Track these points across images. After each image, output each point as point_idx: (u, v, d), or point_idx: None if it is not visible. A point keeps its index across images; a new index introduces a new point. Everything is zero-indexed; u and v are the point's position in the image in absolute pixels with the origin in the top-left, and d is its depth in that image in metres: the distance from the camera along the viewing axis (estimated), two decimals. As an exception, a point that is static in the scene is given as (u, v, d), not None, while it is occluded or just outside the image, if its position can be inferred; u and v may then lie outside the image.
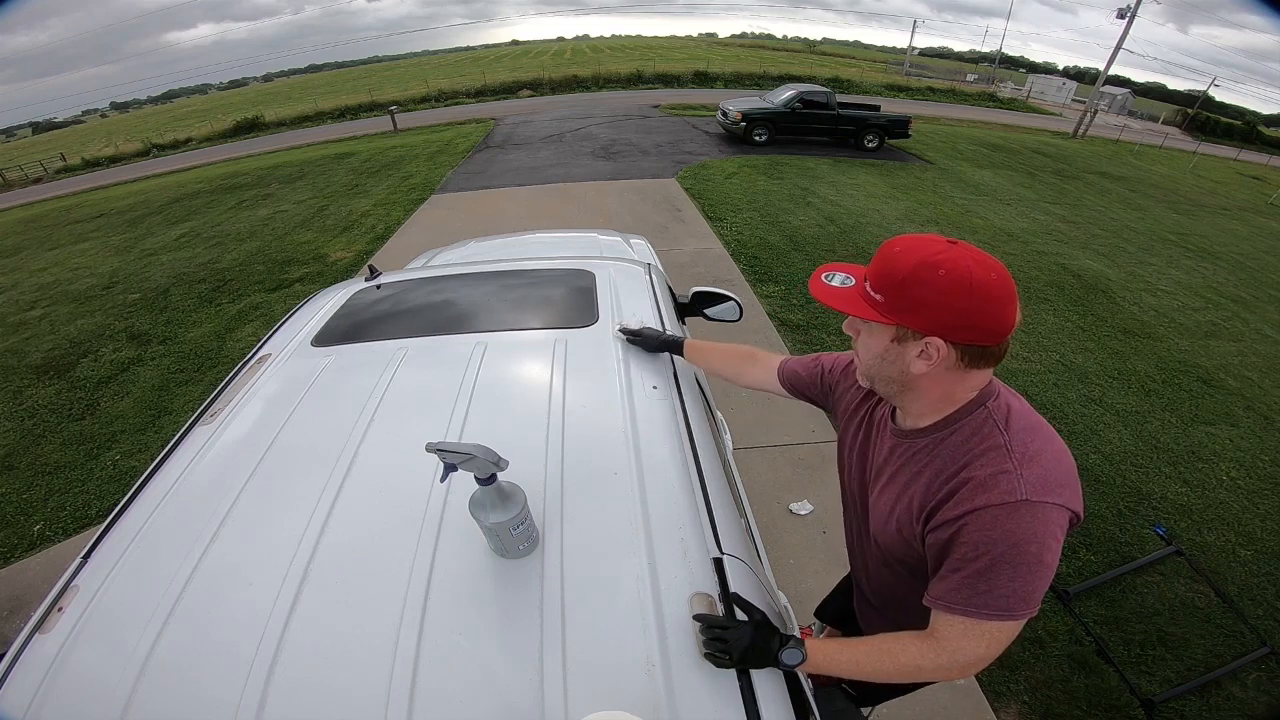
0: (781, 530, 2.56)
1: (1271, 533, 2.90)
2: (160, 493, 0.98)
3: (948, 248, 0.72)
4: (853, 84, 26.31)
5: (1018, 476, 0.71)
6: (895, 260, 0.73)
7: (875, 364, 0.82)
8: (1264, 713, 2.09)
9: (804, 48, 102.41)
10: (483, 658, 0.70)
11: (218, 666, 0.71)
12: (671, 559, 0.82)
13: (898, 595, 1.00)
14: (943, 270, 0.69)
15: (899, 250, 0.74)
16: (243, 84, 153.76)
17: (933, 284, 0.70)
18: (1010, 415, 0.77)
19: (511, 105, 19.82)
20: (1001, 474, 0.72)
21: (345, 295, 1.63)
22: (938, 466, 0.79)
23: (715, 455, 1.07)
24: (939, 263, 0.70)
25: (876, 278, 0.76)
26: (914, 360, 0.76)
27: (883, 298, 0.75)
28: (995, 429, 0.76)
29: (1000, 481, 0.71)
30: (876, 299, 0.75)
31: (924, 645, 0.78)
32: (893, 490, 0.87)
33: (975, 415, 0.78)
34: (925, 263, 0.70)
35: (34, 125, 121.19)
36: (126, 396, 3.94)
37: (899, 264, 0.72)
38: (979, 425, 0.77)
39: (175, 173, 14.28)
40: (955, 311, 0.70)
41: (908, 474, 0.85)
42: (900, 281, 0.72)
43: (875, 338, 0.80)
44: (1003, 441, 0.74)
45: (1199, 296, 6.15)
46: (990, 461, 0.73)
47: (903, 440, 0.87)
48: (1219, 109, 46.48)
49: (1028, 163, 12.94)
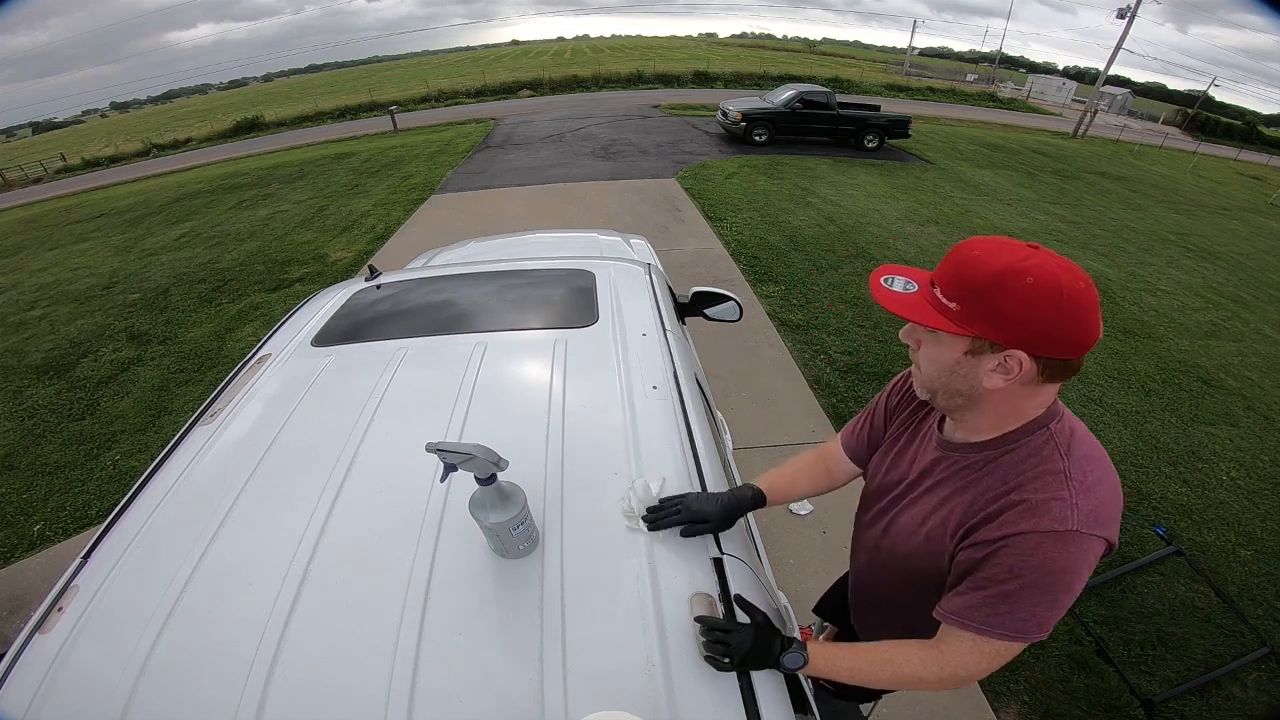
0: (781, 530, 2.56)
1: (1271, 533, 2.90)
2: (160, 493, 0.98)
3: (1031, 253, 0.66)
4: (853, 84, 26.31)
5: (1072, 505, 0.68)
6: (974, 265, 0.67)
7: (942, 377, 0.76)
8: (1264, 713, 2.09)
9: (804, 48, 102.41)
10: (483, 658, 0.70)
11: (218, 666, 0.71)
12: (671, 559, 0.82)
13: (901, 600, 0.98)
14: (1030, 277, 0.63)
15: (978, 254, 0.68)
16: (243, 84, 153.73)
17: (1019, 293, 0.64)
18: (1073, 440, 0.73)
19: (511, 105, 19.82)
20: (1055, 500, 0.68)
21: (345, 295, 1.63)
22: (987, 484, 0.76)
23: (715, 455, 1.07)
24: (1025, 269, 0.64)
25: (950, 283, 0.70)
26: (989, 374, 0.70)
27: (958, 306, 0.68)
28: (1056, 452, 0.71)
29: (1053, 508, 0.68)
30: (950, 307, 0.69)
31: (926, 657, 0.78)
32: (929, 501, 0.84)
33: (1037, 436, 0.73)
34: (1011, 269, 0.64)
35: (34, 125, 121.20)
36: (126, 396, 3.94)
37: (979, 269, 0.66)
38: (1039, 446, 0.73)
39: (175, 173, 14.28)
40: (1042, 323, 0.64)
41: (950, 487, 0.81)
42: (981, 289, 0.66)
43: (944, 349, 0.73)
44: (1062, 467, 0.70)
45: (1199, 296, 6.15)
46: (1045, 486, 0.70)
47: (951, 453, 0.82)
48: (1219, 109, 46.49)
49: (1028, 163, 12.94)
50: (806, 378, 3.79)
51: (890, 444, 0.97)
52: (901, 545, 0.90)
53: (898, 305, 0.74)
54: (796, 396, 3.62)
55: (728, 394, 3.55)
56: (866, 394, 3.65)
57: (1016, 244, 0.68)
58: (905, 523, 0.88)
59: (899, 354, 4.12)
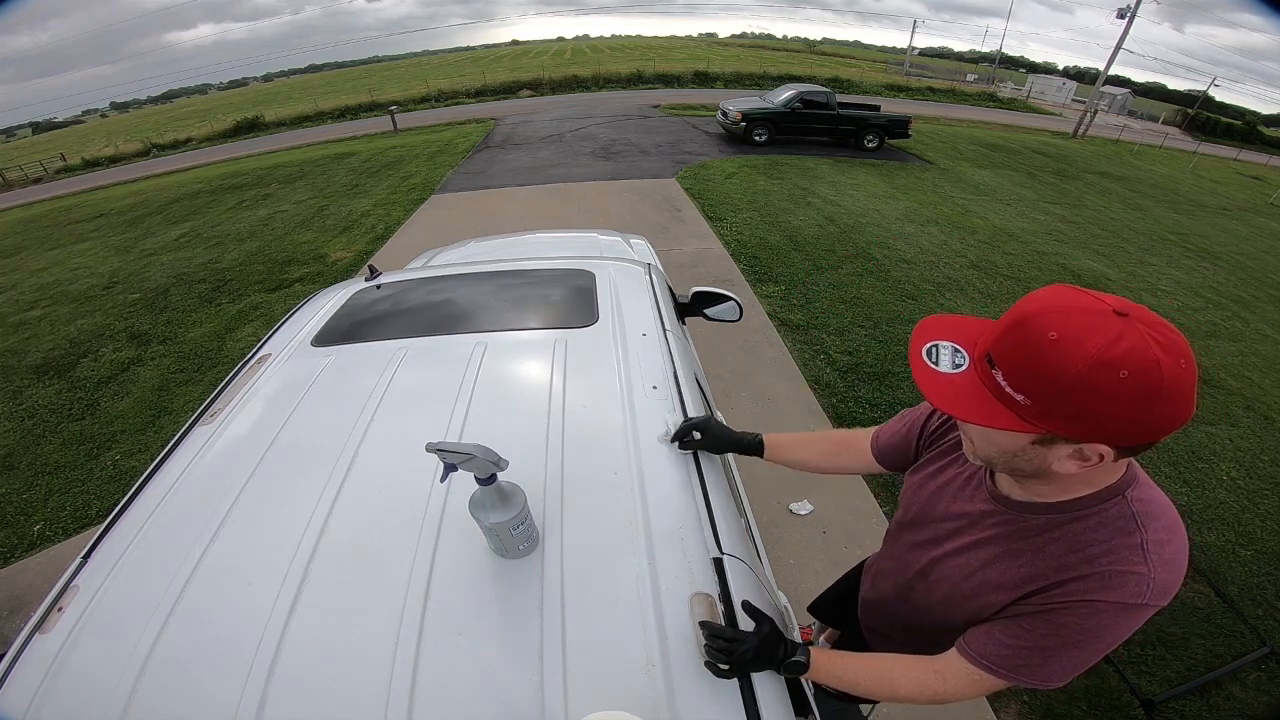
0: (781, 530, 2.56)
1: (1271, 533, 2.90)
2: (160, 493, 0.98)
3: (1123, 330, 0.53)
4: (853, 84, 26.32)
5: (1149, 581, 0.63)
6: (1051, 356, 0.54)
7: (1002, 458, 0.68)
8: (1264, 713, 2.09)
9: (804, 48, 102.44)
10: (483, 658, 0.70)
11: (218, 666, 0.71)
12: (671, 559, 0.81)
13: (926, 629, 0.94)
14: (1125, 371, 0.52)
15: (1055, 337, 0.54)
16: (243, 84, 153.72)
17: (1109, 391, 0.53)
18: (1150, 509, 0.66)
19: (511, 105, 19.82)
20: (1133, 574, 0.63)
21: (345, 295, 1.63)
22: (1054, 551, 0.69)
23: (715, 455, 1.07)
24: (1118, 360, 0.52)
25: (1018, 371, 0.58)
26: (1062, 460, 0.62)
27: (1028, 400, 0.57)
28: (1134, 523, 0.65)
29: (1129, 582, 0.63)
30: (1017, 400, 0.58)
31: (925, 679, 0.78)
32: (979, 555, 0.78)
33: (1111, 504, 0.66)
34: (1101, 362, 0.52)
35: (34, 125, 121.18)
36: (126, 396, 3.94)
37: (1059, 365, 0.54)
38: (1114, 517, 0.66)
39: (175, 173, 14.28)
40: (1134, 420, 0.54)
41: (1006, 546, 0.74)
42: (1062, 389, 0.55)
43: (1006, 435, 0.63)
44: (1139, 540, 0.64)
45: (1199, 296, 6.15)
46: (1123, 559, 0.64)
47: (1007, 510, 0.75)
48: (1219, 109, 46.49)
49: (1028, 163, 12.94)
50: (806, 378, 3.79)
51: (932, 474, 0.90)
52: (940, 590, 0.86)
53: (947, 398, 0.62)
54: (796, 396, 3.62)
55: (728, 394, 3.55)
56: (867, 394, 3.65)
57: (1102, 314, 0.54)
58: (949, 571, 0.84)
59: (899, 354, 4.12)
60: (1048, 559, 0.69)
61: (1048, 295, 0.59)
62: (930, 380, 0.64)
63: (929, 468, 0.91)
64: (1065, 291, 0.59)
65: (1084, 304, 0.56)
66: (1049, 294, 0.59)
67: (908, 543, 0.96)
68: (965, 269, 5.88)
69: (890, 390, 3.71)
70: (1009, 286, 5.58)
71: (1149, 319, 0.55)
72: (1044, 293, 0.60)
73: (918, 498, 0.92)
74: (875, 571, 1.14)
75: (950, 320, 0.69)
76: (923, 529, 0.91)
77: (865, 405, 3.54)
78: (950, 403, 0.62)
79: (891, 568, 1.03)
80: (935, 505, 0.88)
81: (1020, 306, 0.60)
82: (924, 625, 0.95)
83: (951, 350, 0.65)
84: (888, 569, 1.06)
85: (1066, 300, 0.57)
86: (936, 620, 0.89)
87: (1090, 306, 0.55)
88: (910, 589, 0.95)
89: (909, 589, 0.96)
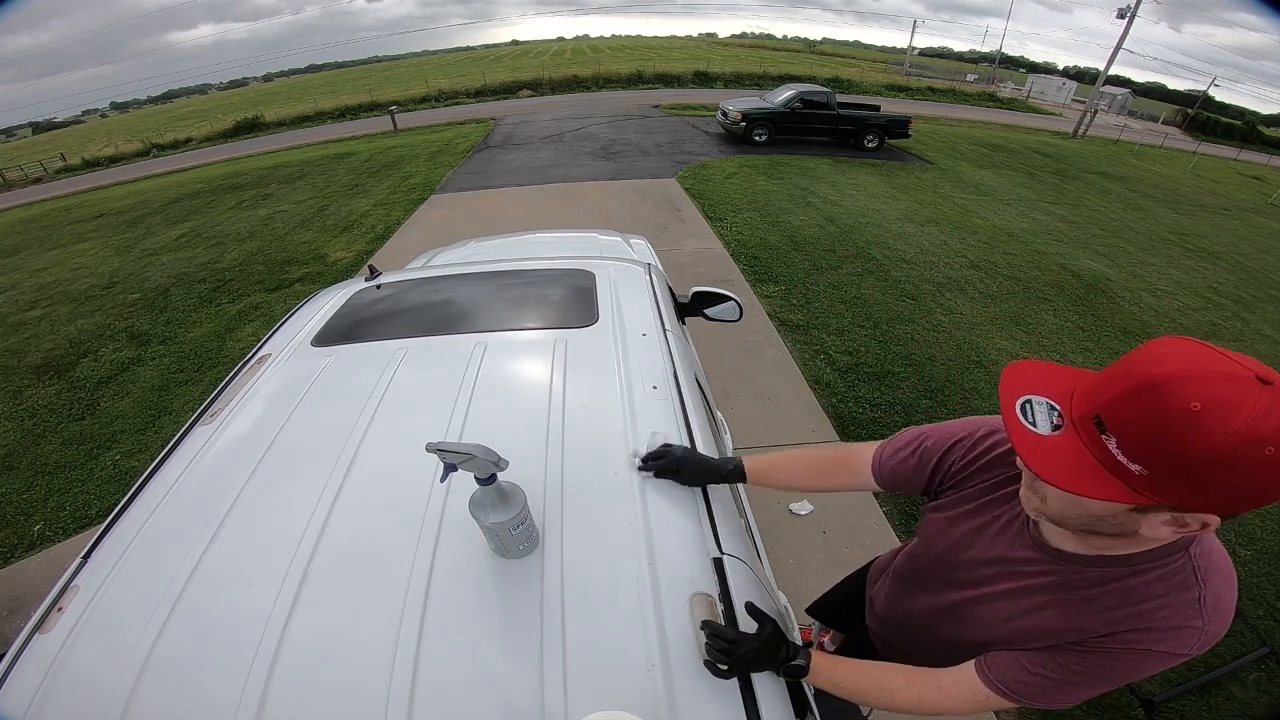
0: (781, 530, 2.56)
1: (1271, 533, 2.90)
2: (160, 493, 0.98)
3: (1271, 403, 0.47)
4: (853, 84, 26.32)
5: (1202, 633, 0.62)
6: (1190, 427, 0.49)
7: (1083, 520, 0.63)
8: (1264, 713, 2.09)
9: (804, 48, 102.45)
10: (483, 658, 0.70)
11: (218, 666, 0.71)
12: (671, 559, 0.81)
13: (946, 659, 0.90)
14: (1271, 447, 0.47)
15: (1198, 409, 0.48)
16: (243, 84, 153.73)
17: (1250, 467, 0.48)
18: (1210, 562, 0.63)
19: (511, 105, 19.82)
20: (1187, 628, 0.62)
21: (345, 295, 1.63)
22: (1107, 604, 0.66)
23: (715, 455, 1.07)
24: (1267, 437, 0.47)
25: (1140, 442, 0.52)
26: (1156, 527, 0.57)
27: (1145, 470, 0.52)
28: (1194, 578, 0.63)
29: (1183, 635, 0.62)
30: (1131, 470, 0.53)
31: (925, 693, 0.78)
32: (1022, 603, 0.75)
33: (1173, 560, 0.63)
34: (1250, 439, 0.47)
35: (34, 125, 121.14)
36: (126, 396, 3.94)
37: (1199, 437, 0.48)
38: (1174, 572, 0.63)
39: (175, 173, 14.28)
40: (1258, 494, 0.50)
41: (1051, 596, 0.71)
42: (1195, 464, 0.49)
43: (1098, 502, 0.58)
44: (1197, 595, 0.62)
45: (1199, 296, 6.15)
46: (1179, 614, 0.62)
47: (1054, 561, 0.72)
48: (1219, 109, 46.50)
49: (1028, 163, 12.94)
50: (806, 378, 3.79)
51: (955, 518, 0.86)
52: (972, 634, 0.83)
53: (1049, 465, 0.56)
54: (796, 396, 3.62)
55: (728, 394, 3.55)
56: (866, 394, 3.65)
57: (1245, 380, 0.49)
58: (983, 615, 0.81)
59: (899, 354, 4.12)
60: (1099, 611, 0.66)
61: (1177, 357, 0.52)
62: (1029, 444, 0.57)
63: (959, 508, 0.86)
64: (1196, 352, 0.52)
65: (1225, 369, 0.50)
66: (1179, 355, 0.52)
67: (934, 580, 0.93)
68: (965, 269, 5.88)
69: (890, 390, 3.71)
70: (1009, 286, 5.58)
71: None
72: (1170, 353, 0.53)
73: (945, 537, 0.88)
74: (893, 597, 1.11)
75: (1040, 368, 0.64)
76: (952, 570, 0.87)
77: (865, 405, 3.54)
78: (1056, 472, 0.56)
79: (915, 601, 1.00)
80: (968, 547, 0.84)
81: (1144, 368, 0.53)
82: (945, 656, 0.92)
83: (1048, 408, 0.59)
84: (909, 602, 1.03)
85: (1202, 365, 0.51)
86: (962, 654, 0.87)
87: (1232, 373, 0.49)
88: (938, 625, 0.93)
89: (936, 624, 0.94)
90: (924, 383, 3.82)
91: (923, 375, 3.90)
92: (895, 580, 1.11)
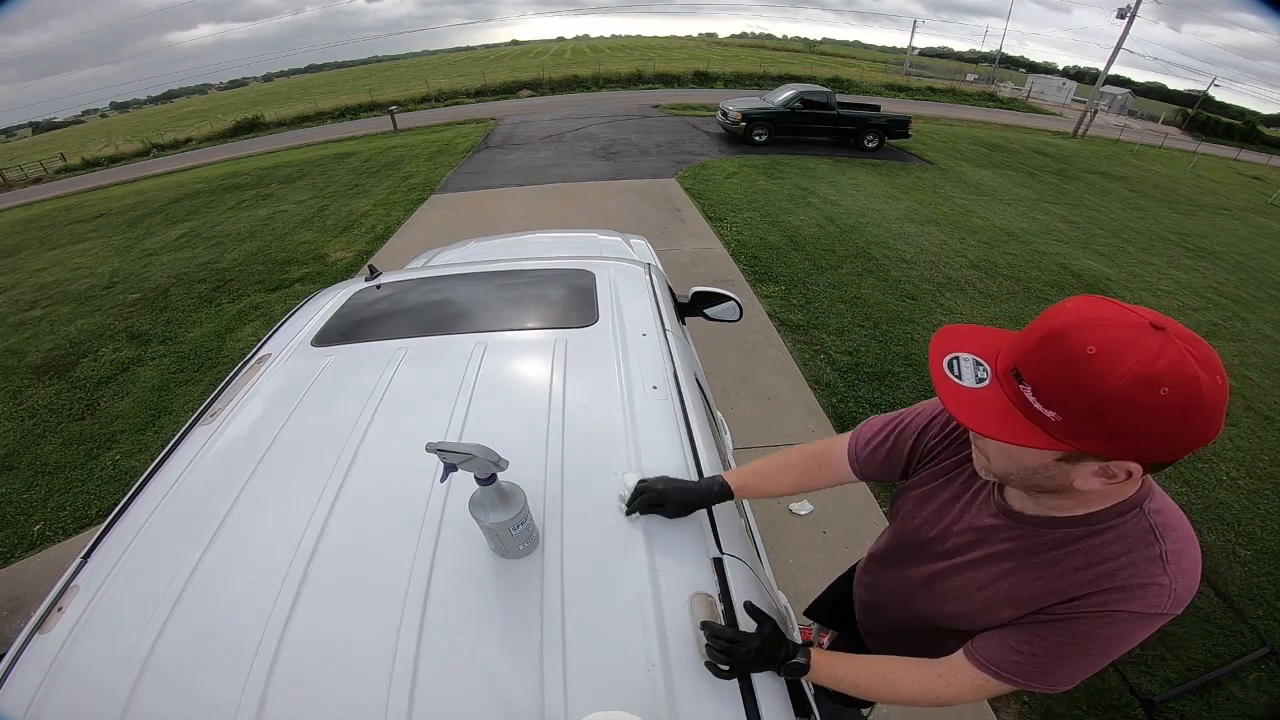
0: (781, 530, 2.56)
1: (1271, 533, 2.90)
2: (160, 493, 0.98)
3: (1162, 345, 0.51)
4: (853, 84, 26.33)
5: (1169, 591, 0.63)
6: (1088, 369, 0.52)
7: (1020, 474, 0.66)
8: (1264, 713, 2.09)
9: (804, 48, 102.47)
10: (483, 658, 0.70)
11: (218, 666, 0.71)
12: (671, 559, 0.82)
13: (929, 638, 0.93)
14: (1165, 387, 0.50)
15: (1094, 351, 0.52)
16: (243, 84, 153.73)
17: (1148, 408, 0.51)
18: (1167, 520, 0.66)
19: (511, 105, 19.82)
20: (1154, 585, 0.63)
21: (345, 295, 1.63)
22: (1073, 566, 0.68)
23: (715, 455, 1.07)
24: (1158, 376, 0.50)
25: (1049, 385, 0.56)
26: (1086, 478, 0.61)
27: (1058, 416, 0.56)
28: (1152, 535, 0.65)
29: (1150, 593, 0.63)
30: (1046, 416, 0.56)
31: (928, 683, 0.78)
32: (990, 571, 0.77)
33: (1129, 518, 0.66)
34: (1141, 378, 0.51)
35: (34, 125, 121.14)
36: (126, 396, 3.94)
37: (1097, 378, 0.52)
38: (1132, 530, 0.65)
39: (175, 173, 14.28)
40: (1170, 436, 0.53)
41: (1018, 561, 0.73)
42: (1098, 406, 0.53)
43: (1029, 452, 0.61)
44: (1158, 552, 0.64)
45: (1199, 296, 6.15)
46: (1143, 572, 0.64)
47: (1017, 525, 0.74)
48: (1219, 109, 46.49)
49: (1028, 163, 12.94)
50: (806, 378, 3.79)
51: (929, 493, 0.88)
52: (948, 606, 0.85)
53: (974, 415, 0.59)
54: (796, 396, 3.62)
55: (728, 394, 3.55)
56: (866, 394, 3.65)
57: (1139, 325, 0.53)
58: (957, 586, 0.83)
59: (899, 354, 4.12)
60: (1065, 574, 0.68)
61: (1079, 307, 0.56)
62: (954, 395, 0.61)
63: (931, 483, 0.88)
64: (1097, 303, 0.57)
65: (1121, 317, 0.54)
66: (1080, 305, 0.57)
67: (910, 556, 0.94)
68: (965, 269, 5.88)
69: (890, 390, 3.71)
70: (1009, 286, 5.58)
71: (1184, 333, 0.53)
72: (1074, 304, 0.57)
73: (919, 513, 0.90)
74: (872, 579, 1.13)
75: (969, 330, 0.66)
76: (928, 544, 0.89)
77: (865, 405, 3.54)
78: (977, 419, 0.60)
79: (892, 579, 1.02)
80: (940, 520, 0.86)
81: (1051, 319, 0.57)
82: (926, 633, 0.95)
83: (974, 363, 0.62)
84: (888, 581, 1.04)
85: (1101, 312, 0.55)
86: (941, 629, 0.89)
87: (1127, 320, 0.53)
88: (913, 600, 0.95)
89: (912, 600, 0.95)
90: (924, 383, 3.82)
91: (923, 375, 3.90)
92: (874, 562, 1.12)
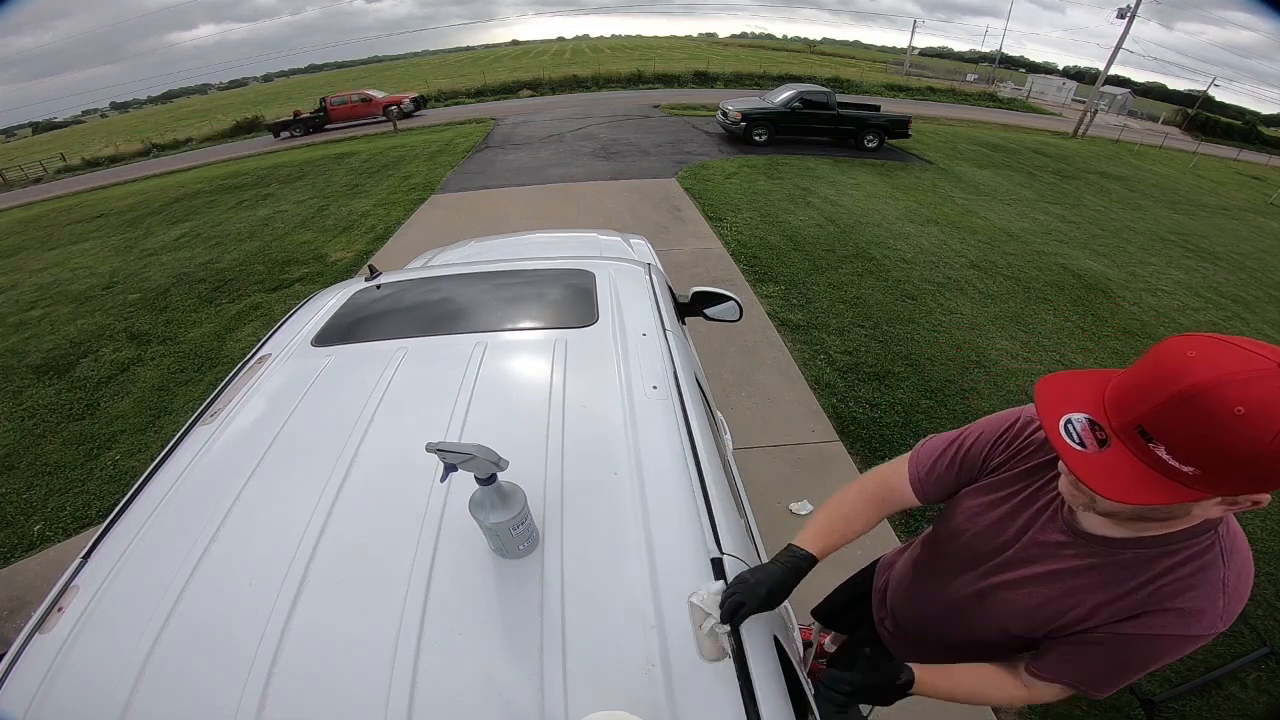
0: (781, 530, 2.56)
1: (1272, 533, 2.90)
2: (160, 493, 0.98)
3: None
4: (853, 84, 26.32)
5: (1222, 614, 0.65)
6: (1237, 429, 0.51)
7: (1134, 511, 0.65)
8: (1264, 713, 2.09)
9: (804, 48, 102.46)
10: (482, 658, 0.70)
11: (218, 666, 0.71)
12: (671, 559, 0.81)
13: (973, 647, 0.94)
14: None
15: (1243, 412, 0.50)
16: (243, 84, 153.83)
17: None
18: (1234, 544, 0.66)
19: (511, 105, 19.83)
20: (1210, 611, 0.65)
21: (345, 295, 1.63)
22: (1136, 585, 0.69)
23: (715, 455, 1.07)
24: None
25: (1190, 447, 0.54)
26: (1208, 508, 0.61)
27: (1199, 471, 0.54)
28: (1219, 559, 0.65)
29: (1204, 617, 0.65)
30: (1184, 472, 0.55)
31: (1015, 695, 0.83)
32: (1052, 588, 0.77)
33: (1202, 540, 0.66)
34: None
35: (34, 125, 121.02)
36: (126, 396, 3.94)
37: (1247, 437, 0.51)
38: (1203, 552, 0.66)
39: (175, 173, 14.29)
40: None
41: (1084, 579, 0.74)
42: (1250, 459, 0.52)
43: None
44: (1220, 576, 0.65)
45: (1199, 296, 6.15)
46: (1204, 595, 0.65)
47: (1085, 544, 0.74)
48: (1219, 109, 46.49)
49: (1028, 163, 12.93)
50: (806, 377, 3.79)
51: (988, 504, 0.87)
52: (1001, 617, 0.85)
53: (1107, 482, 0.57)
54: (796, 396, 3.62)
55: (728, 394, 3.55)
56: (866, 394, 3.65)
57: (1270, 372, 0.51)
58: (1014, 599, 0.82)
59: (899, 354, 4.12)
60: (1128, 590, 0.70)
61: (1205, 359, 0.54)
62: (1083, 464, 0.59)
63: (990, 495, 0.87)
64: (1217, 349, 0.55)
65: (1253, 367, 0.52)
66: (1205, 357, 0.54)
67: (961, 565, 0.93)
68: (965, 269, 5.88)
69: (890, 390, 3.71)
70: (1009, 286, 5.58)
71: None
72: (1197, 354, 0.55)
73: (975, 523, 0.89)
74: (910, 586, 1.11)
75: (1070, 380, 0.65)
76: (982, 556, 0.88)
77: (865, 405, 3.54)
78: (1114, 488, 0.57)
79: (937, 586, 1.00)
80: (1000, 533, 0.85)
81: (1179, 377, 0.54)
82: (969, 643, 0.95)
83: (1086, 422, 0.61)
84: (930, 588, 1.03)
85: (1231, 365, 0.53)
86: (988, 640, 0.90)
87: (1261, 369, 0.52)
88: (960, 608, 0.94)
89: (958, 608, 0.95)
90: (924, 383, 3.82)
91: (923, 375, 3.90)
92: (913, 570, 1.11)
